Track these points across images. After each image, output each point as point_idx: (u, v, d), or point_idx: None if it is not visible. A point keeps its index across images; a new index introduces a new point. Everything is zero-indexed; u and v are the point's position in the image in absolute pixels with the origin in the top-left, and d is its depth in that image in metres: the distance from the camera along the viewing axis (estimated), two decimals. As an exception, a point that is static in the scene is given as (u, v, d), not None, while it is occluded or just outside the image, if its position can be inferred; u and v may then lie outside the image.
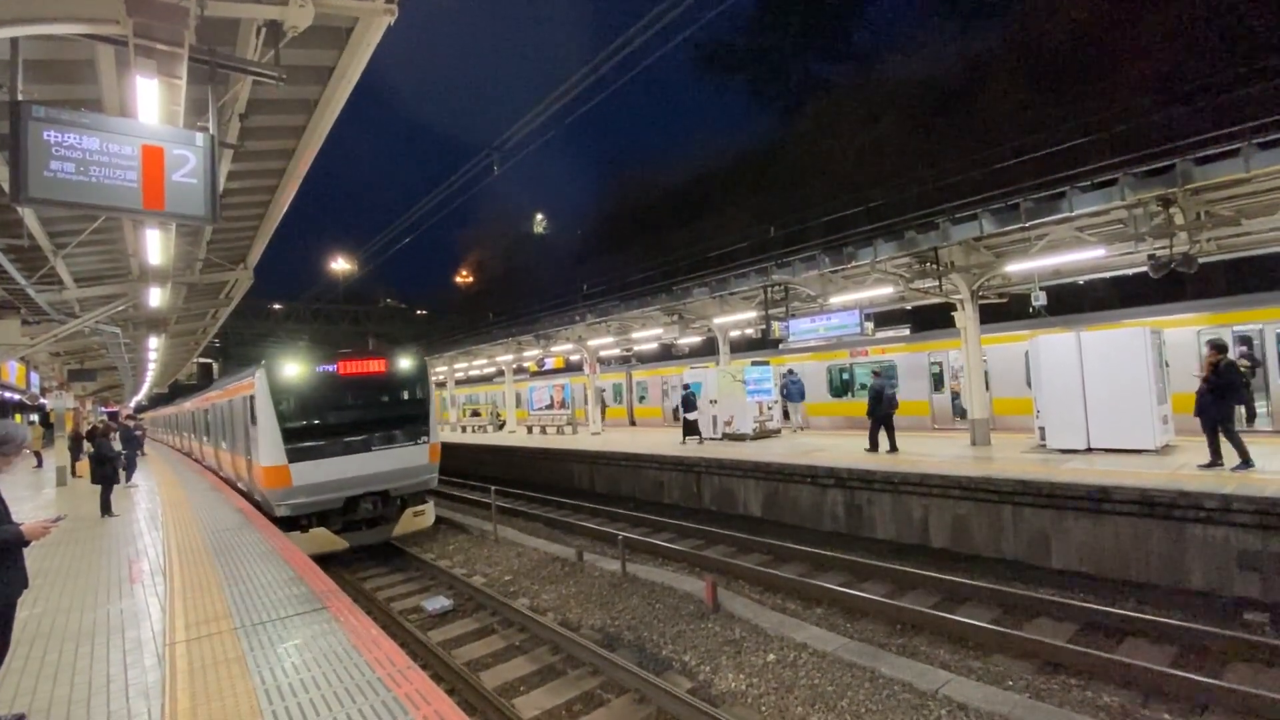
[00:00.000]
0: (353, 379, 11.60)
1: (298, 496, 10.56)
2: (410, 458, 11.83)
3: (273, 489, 10.55)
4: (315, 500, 10.71)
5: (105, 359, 19.58)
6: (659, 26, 11.99)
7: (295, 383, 10.97)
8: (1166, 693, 5.63)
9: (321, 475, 10.71)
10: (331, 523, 11.06)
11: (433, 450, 12.27)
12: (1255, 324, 12.26)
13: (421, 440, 12.08)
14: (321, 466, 10.72)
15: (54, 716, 3.94)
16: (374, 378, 11.91)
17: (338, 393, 11.47)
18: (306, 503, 10.65)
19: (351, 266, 56.79)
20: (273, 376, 10.79)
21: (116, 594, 6.46)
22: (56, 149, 3.67)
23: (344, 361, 11.56)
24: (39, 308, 9.83)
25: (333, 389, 11.39)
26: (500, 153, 19.03)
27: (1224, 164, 8.36)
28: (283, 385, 10.85)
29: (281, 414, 10.70)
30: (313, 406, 11.16)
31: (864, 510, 11.19)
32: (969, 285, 12.73)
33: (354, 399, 11.70)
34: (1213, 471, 8.58)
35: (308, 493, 10.62)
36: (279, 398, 10.75)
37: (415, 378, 12.52)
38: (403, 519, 11.88)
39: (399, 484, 11.71)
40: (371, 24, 4.61)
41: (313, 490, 10.66)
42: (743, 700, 5.93)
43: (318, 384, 11.20)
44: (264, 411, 10.63)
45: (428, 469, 12.21)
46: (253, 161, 7.02)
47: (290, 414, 10.84)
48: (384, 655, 4.47)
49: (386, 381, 12.17)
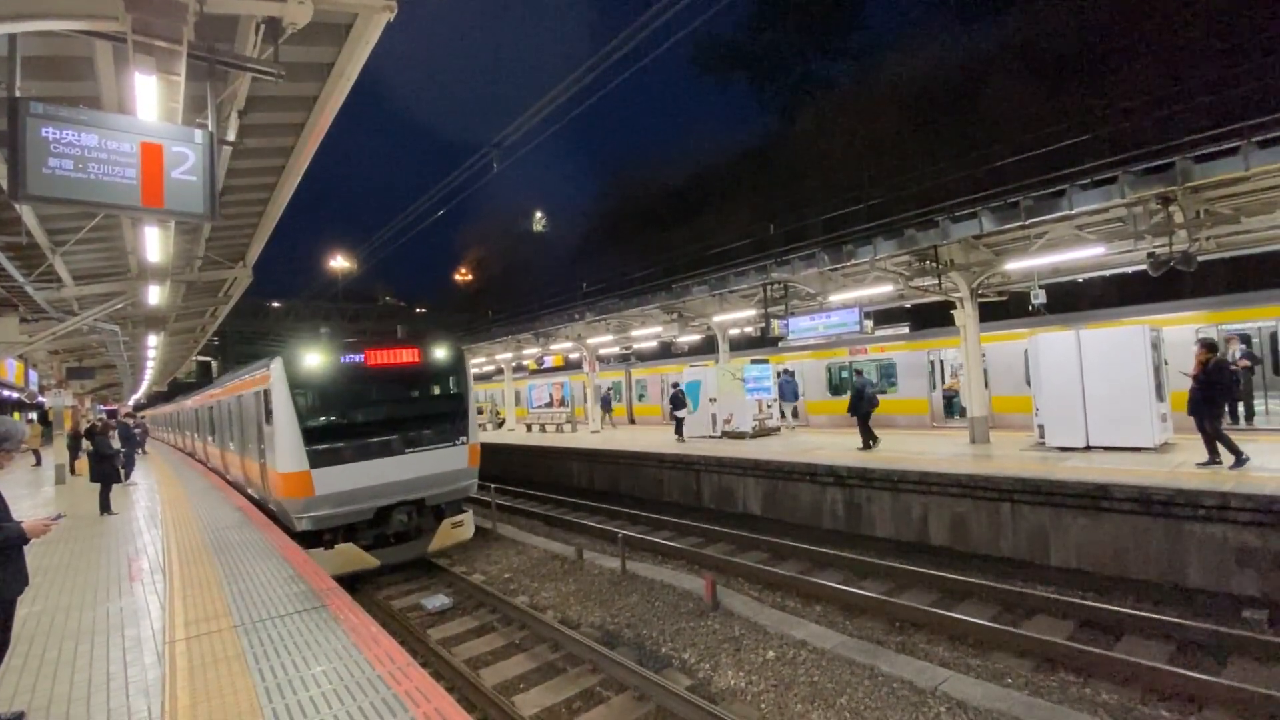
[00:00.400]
0: (382, 371, 10.21)
1: (321, 507, 9.20)
2: (448, 461, 10.45)
3: (292, 499, 9.16)
4: (341, 512, 9.37)
5: (104, 357, 19.58)
6: (659, 23, 11.97)
7: (317, 375, 9.60)
8: (1164, 690, 5.65)
9: (348, 482, 9.38)
10: (360, 537, 9.74)
11: (472, 452, 10.89)
12: (1254, 323, 12.28)
13: (460, 441, 10.66)
14: (348, 472, 9.38)
15: (54, 714, 3.94)
16: (406, 369, 10.49)
17: (365, 386, 10.13)
18: (331, 514, 9.30)
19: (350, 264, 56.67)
20: (291, 368, 9.43)
21: (116, 592, 6.46)
22: (55, 146, 3.66)
23: (372, 350, 10.12)
24: (37, 305, 9.81)
25: (360, 382, 10.04)
26: (500, 150, 19.02)
27: (1223, 162, 8.36)
28: (303, 378, 9.48)
29: (302, 411, 9.36)
30: (337, 402, 9.83)
31: (863, 508, 11.21)
32: (968, 283, 12.74)
33: (384, 394, 10.35)
34: (1210, 469, 8.60)
35: (333, 503, 9.27)
36: (299, 392, 9.41)
37: (452, 368, 11.10)
38: (440, 531, 10.53)
39: (436, 491, 10.38)
40: (371, 20, 4.60)
41: (339, 500, 9.32)
42: (742, 698, 5.94)
43: (343, 377, 9.82)
44: (281, 408, 9.27)
45: (467, 473, 10.84)
46: (252, 159, 7.01)
47: (312, 411, 9.52)
48: (383, 653, 4.48)
49: (420, 373, 10.76)
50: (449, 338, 11.58)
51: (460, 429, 10.71)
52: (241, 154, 6.53)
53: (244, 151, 6.44)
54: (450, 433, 10.55)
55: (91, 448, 12.22)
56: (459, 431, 10.67)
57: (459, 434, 10.66)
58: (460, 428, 10.72)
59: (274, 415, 9.39)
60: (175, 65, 3.89)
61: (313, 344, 9.86)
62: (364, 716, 3.60)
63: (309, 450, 9.18)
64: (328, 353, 9.75)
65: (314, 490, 9.10)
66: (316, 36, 4.82)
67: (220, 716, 3.70)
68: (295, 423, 9.24)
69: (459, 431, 10.67)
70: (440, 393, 11.12)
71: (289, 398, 9.29)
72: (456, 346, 11.28)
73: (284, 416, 9.25)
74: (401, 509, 9.98)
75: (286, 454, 9.17)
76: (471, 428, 10.92)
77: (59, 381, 18.40)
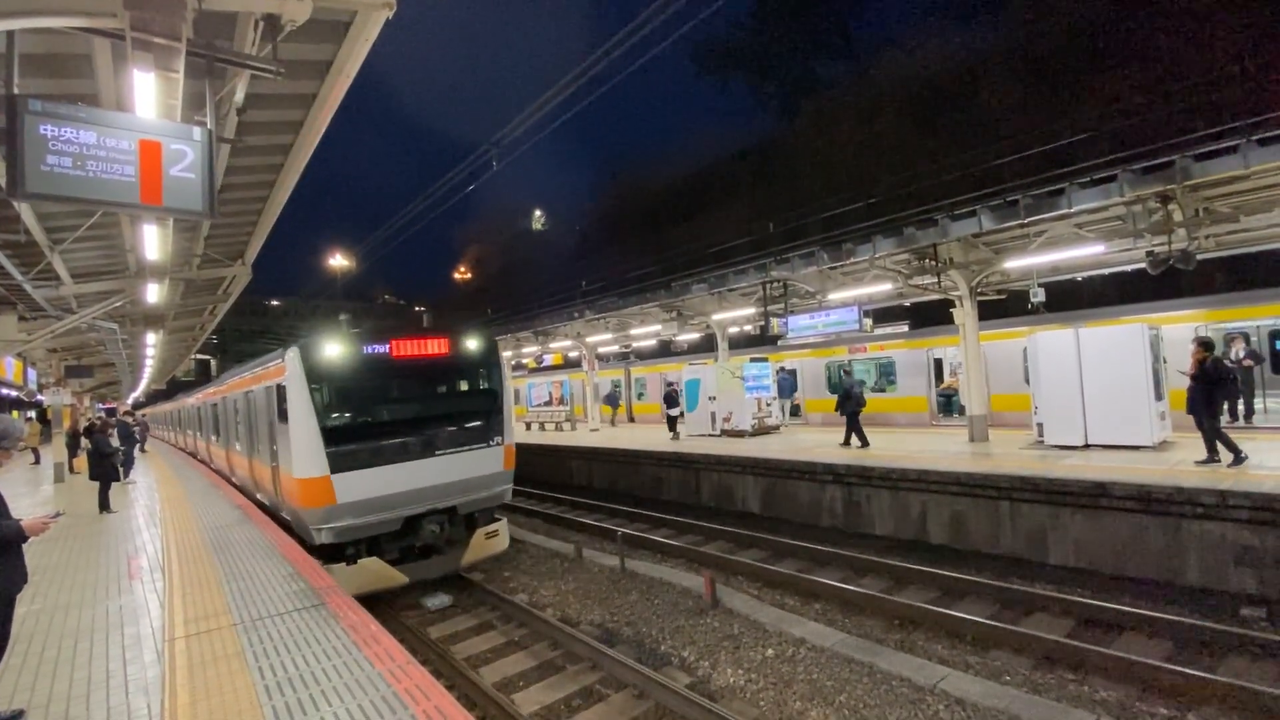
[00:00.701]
0: (410, 363, 9.28)
1: (344, 517, 8.22)
2: (482, 463, 9.52)
3: (310, 508, 8.15)
4: (366, 522, 8.38)
5: (102, 355, 19.56)
6: (658, 21, 11.92)
7: (339, 368, 8.62)
8: (1162, 687, 5.66)
9: (374, 489, 8.40)
10: (385, 550, 8.74)
11: (508, 454, 9.93)
12: (1252, 321, 12.29)
13: (495, 441, 9.72)
14: (374, 477, 8.43)
15: (53, 712, 3.94)
16: (436, 362, 9.57)
17: (392, 381, 9.35)
18: (355, 525, 8.31)
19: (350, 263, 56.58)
20: (310, 359, 8.42)
21: (115, 590, 6.46)
22: (53, 143, 3.66)
23: (398, 341, 9.14)
24: (36, 303, 9.81)
25: (386, 376, 9.21)
26: (499, 148, 18.96)
27: (1223, 160, 8.37)
28: (323, 371, 8.49)
29: (321, 408, 8.37)
30: (361, 398, 8.96)
31: (862, 506, 11.22)
32: (968, 282, 12.75)
33: (412, 389, 9.63)
34: (1209, 467, 8.61)
35: (356, 512, 8.30)
36: (318, 387, 8.43)
37: (486, 361, 10.21)
38: (473, 542, 9.54)
39: (470, 498, 9.40)
40: (370, 18, 4.59)
41: (363, 509, 8.34)
42: (741, 695, 5.95)
43: (367, 370, 8.90)
44: (298, 405, 8.26)
45: (503, 477, 9.89)
46: (250, 157, 7.00)
47: (333, 408, 8.56)
48: (383, 651, 4.48)
49: (450, 366, 9.93)
50: (480, 328, 10.53)
51: (495, 428, 9.81)
52: (240, 151, 6.53)
53: (243, 149, 6.43)
54: (485, 432, 9.66)
55: (90, 446, 12.21)
56: (494, 431, 9.77)
57: (494, 433, 9.76)
58: (495, 426, 9.81)
59: (289, 413, 8.38)
60: (174, 62, 3.88)
61: (333, 333, 8.86)
62: (363, 714, 3.61)
63: (329, 452, 8.19)
64: (350, 343, 8.77)
65: (335, 498, 8.16)
66: (315, 34, 4.81)
67: (220, 714, 3.70)
68: (314, 421, 8.24)
69: (494, 431, 9.77)
70: (473, 388, 10.31)
71: (307, 393, 8.30)
72: (490, 337, 10.34)
73: (301, 414, 8.26)
74: (432, 518, 8.96)
75: (304, 457, 8.19)
76: (507, 427, 10.00)
77: (57, 380, 18.38)
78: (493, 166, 19.32)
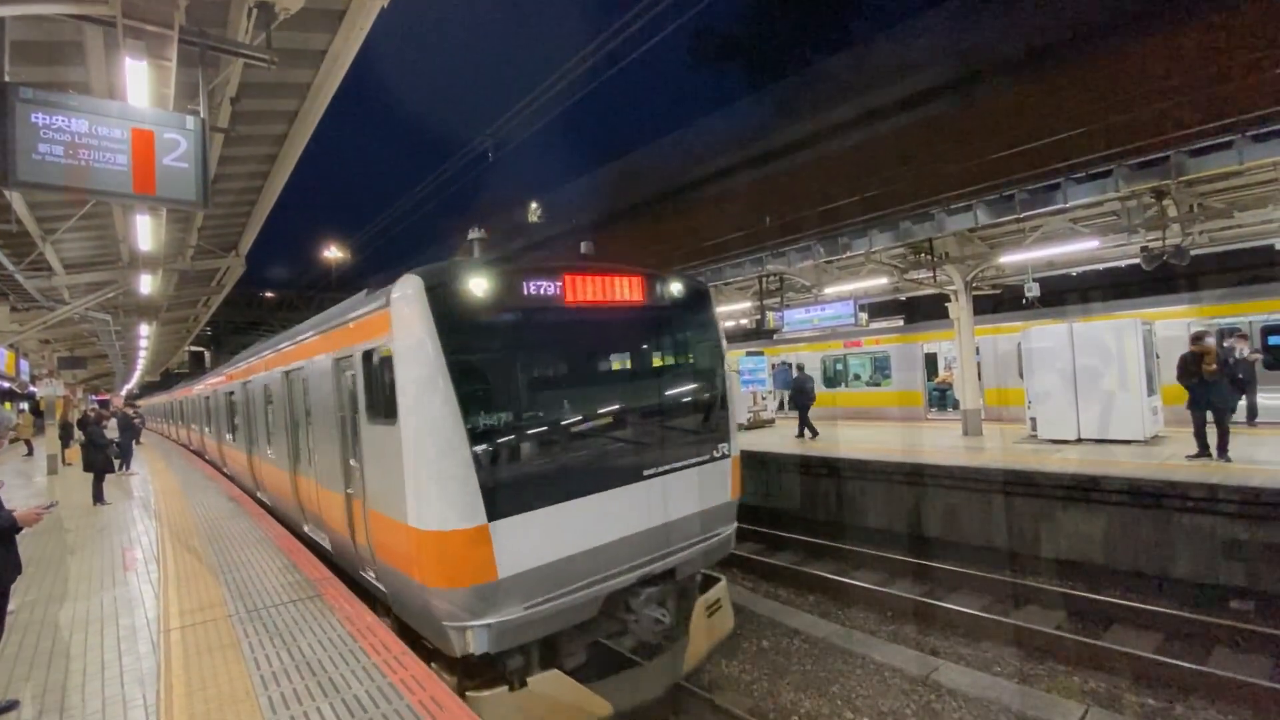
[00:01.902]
0: (592, 316, 5.50)
1: (512, 603, 4.53)
2: (708, 490, 5.89)
3: (453, 588, 4.39)
4: (548, 610, 4.68)
5: (95, 346, 19.46)
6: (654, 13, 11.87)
7: (490, 321, 4.88)
8: (1152, 678, 5.73)
9: (561, 544, 4.77)
10: (566, 652, 5.13)
11: (735, 472, 6.30)
12: (1245, 316, 12.33)
13: (721, 452, 6.11)
14: (559, 524, 4.77)
15: (48, 703, 3.94)
16: (628, 314, 5.76)
17: (570, 348, 5.66)
18: (532, 617, 4.59)
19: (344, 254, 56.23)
20: (442, 302, 4.57)
21: (110, 581, 6.45)
22: (44, 131, 3.62)
23: (573, 276, 5.26)
24: (28, 294, 9.74)
25: (560, 339, 5.56)
26: (495, 139, 18.88)
27: (1217, 156, 8.38)
28: (468, 324, 4.71)
29: (467, 397, 4.50)
30: (530, 378, 5.32)
31: (857, 499, 11.26)
32: (963, 276, 12.77)
33: (597, 363, 5.99)
34: (1200, 462, 8.68)
35: (532, 589, 4.63)
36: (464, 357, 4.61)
37: (702, 319, 6.46)
38: (694, 624, 5.73)
39: (693, 550, 5.70)
40: (365, 6, 4.56)
41: (543, 582, 4.69)
42: (736, 686, 5.99)
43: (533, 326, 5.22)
44: (426, 389, 4.47)
45: (727, 512, 6.22)
46: (245, 146, 6.96)
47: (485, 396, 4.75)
48: (379, 641, 4.49)
49: (649, 325, 6.10)
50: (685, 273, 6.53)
51: (721, 428, 6.22)
52: (234, 141, 6.48)
53: (237, 138, 6.39)
54: (710, 437, 6.09)
55: (84, 438, 12.13)
56: (719, 433, 6.18)
57: (719, 437, 6.15)
58: (720, 426, 6.23)
59: (403, 404, 4.56)
60: (166, 50, 3.85)
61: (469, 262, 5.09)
62: (359, 705, 3.62)
63: (484, 481, 4.45)
64: (503, 279, 4.86)
65: (497, 569, 4.42)
66: (309, 22, 4.78)
67: (215, 705, 3.71)
68: (459, 418, 4.43)
69: (719, 433, 6.18)
70: (683, 361, 6.39)
71: (444, 365, 4.44)
72: (704, 286, 6.58)
73: (433, 408, 4.44)
74: (650, 591, 5.25)
75: (435, 491, 4.44)
76: (732, 429, 6.38)
77: (50, 371, 18.28)
78: (489, 158, 19.25)
